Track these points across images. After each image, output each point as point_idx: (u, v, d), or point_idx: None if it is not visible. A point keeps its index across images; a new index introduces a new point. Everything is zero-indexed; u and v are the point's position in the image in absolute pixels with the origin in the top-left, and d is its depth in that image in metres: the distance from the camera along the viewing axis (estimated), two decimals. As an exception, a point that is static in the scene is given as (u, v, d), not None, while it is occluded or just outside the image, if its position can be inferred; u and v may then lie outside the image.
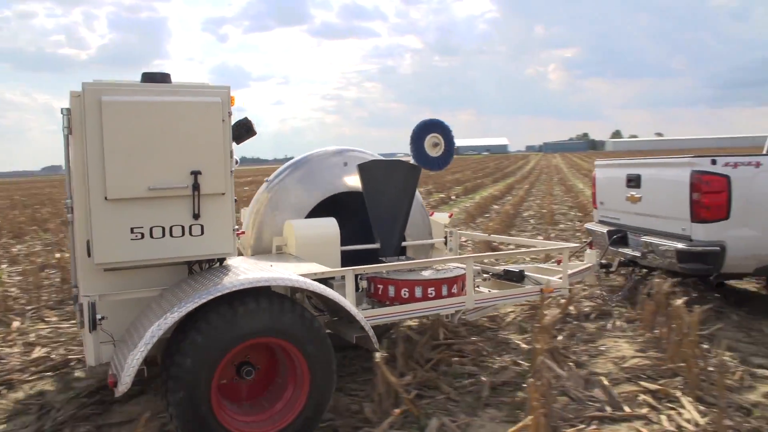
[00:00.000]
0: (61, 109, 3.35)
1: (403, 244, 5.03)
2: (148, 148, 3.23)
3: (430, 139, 4.83)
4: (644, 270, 6.77)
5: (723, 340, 4.70)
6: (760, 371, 4.27)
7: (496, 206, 17.08)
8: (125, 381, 2.83)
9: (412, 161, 4.84)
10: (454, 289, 4.31)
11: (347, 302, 3.55)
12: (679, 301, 4.17)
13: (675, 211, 5.56)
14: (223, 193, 3.47)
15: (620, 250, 6.39)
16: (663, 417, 3.67)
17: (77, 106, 3.24)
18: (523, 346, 4.98)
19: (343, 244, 4.55)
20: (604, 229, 6.70)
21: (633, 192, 6.23)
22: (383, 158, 5.02)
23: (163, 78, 3.36)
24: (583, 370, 4.39)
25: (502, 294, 4.72)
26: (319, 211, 4.80)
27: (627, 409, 3.78)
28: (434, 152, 4.85)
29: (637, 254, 6.07)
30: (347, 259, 4.59)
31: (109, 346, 3.34)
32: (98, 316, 3.15)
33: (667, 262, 5.61)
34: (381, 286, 4.19)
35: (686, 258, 5.34)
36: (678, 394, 3.87)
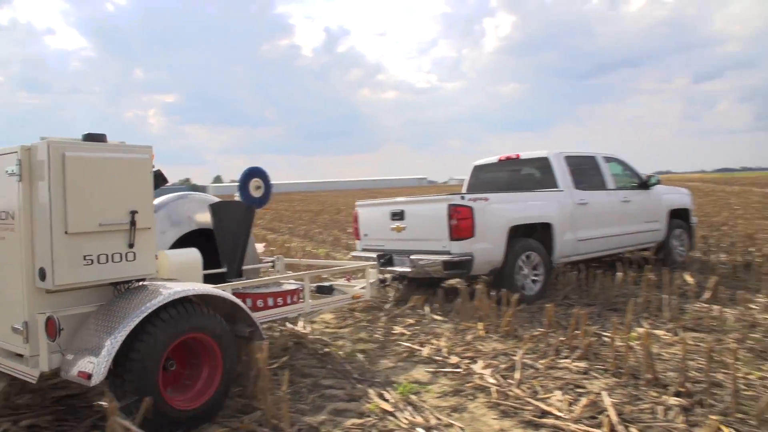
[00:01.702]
0: (22, 155, 3.93)
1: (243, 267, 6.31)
2: (98, 192, 4.01)
3: (253, 183, 6.09)
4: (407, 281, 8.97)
5: (300, 368, 5.50)
6: (328, 391, 4.85)
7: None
8: (101, 371, 3.57)
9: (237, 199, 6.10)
10: (295, 299, 5.73)
11: (244, 305, 4.58)
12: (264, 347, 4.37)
13: (437, 234, 7.59)
14: (150, 227, 4.30)
15: (387, 268, 8.23)
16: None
17: (32, 157, 3.91)
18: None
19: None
20: (370, 255, 8.36)
21: (398, 224, 8.15)
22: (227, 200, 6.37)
23: (102, 138, 4.17)
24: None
25: (327, 300, 6.23)
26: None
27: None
28: (257, 193, 6.12)
29: (407, 269, 7.94)
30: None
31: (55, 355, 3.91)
32: (60, 328, 3.81)
33: (434, 270, 7.59)
34: (245, 300, 5.18)
35: (449, 266, 7.44)
36: (255, 426, 4.17)
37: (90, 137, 4.12)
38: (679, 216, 10.37)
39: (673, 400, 4.29)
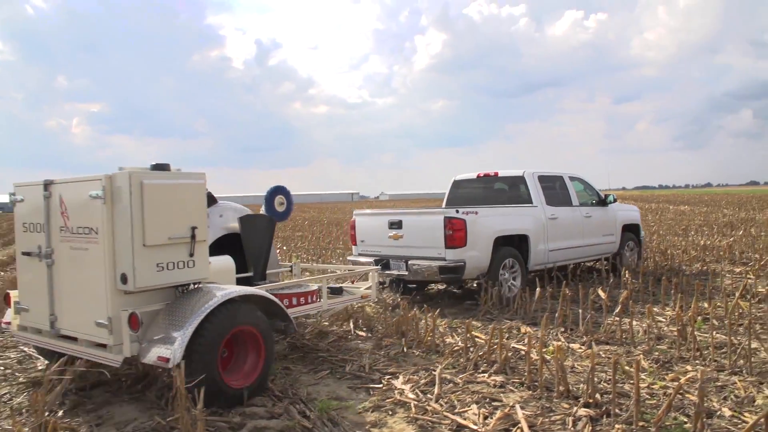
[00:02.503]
0: (105, 182, 4.70)
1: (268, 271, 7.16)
2: (167, 212, 4.84)
3: (277, 200, 6.94)
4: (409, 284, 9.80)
5: None
6: (249, 409, 4.82)
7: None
8: (177, 356, 4.38)
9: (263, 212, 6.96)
10: (314, 299, 6.50)
11: (281, 304, 5.52)
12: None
13: (433, 242, 8.52)
14: (205, 240, 5.15)
15: (385, 272, 9.00)
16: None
17: (113, 184, 4.71)
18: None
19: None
20: (367, 259, 9.27)
21: (395, 232, 9.02)
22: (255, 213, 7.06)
23: (167, 167, 4.98)
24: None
25: (340, 299, 7.02)
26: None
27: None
28: (280, 209, 6.99)
29: (404, 273, 8.83)
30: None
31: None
32: (141, 322, 4.61)
33: (430, 275, 8.53)
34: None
35: (445, 271, 8.38)
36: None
37: (157, 166, 4.94)
38: (630, 230, 11.72)
39: (582, 411, 4.47)
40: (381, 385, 5.35)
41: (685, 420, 4.29)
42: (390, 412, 4.77)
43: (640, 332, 6.73)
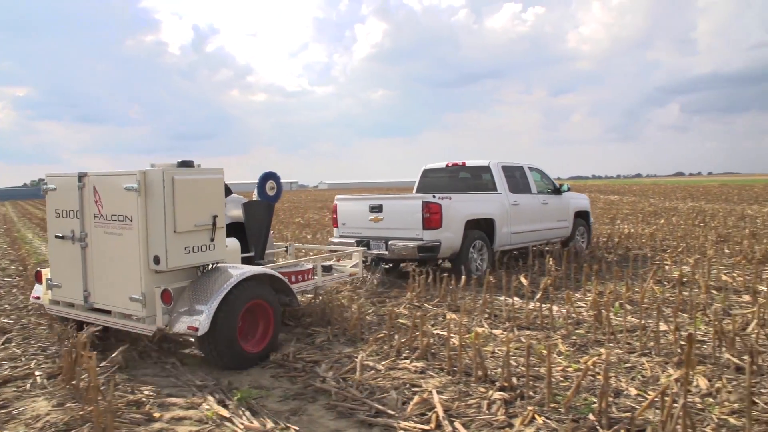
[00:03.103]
0: (139, 177, 5.34)
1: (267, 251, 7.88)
2: (193, 202, 5.55)
3: (268, 185, 7.48)
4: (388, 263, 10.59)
5: (141, 377, 5.53)
6: (168, 400, 4.86)
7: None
8: (205, 326, 5.16)
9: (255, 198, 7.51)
10: (310, 276, 7.31)
11: (286, 281, 6.34)
12: (92, 354, 4.48)
13: (411, 224, 9.41)
14: (222, 227, 5.85)
15: (366, 251, 9.50)
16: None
17: (147, 178, 5.37)
18: None
19: None
20: (348, 241, 10.00)
21: (376, 215, 9.84)
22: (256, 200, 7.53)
23: (191, 163, 5.72)
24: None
25: (332, 277, 7.88)
26: None
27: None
28: (271, 192, 7.51)
29: (384, 252, 9.59)
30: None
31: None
32: (171, 294, 5.36)
33: (409, 253, 9.30)
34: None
35: (423, 250, 9.22)
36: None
37: (183, 163, 5.70)
38: (581, 216, 12.95)
39: (497, 395, 4.59)
40: (303, 374, 5.37)
41: (594, 400, 4.44)
42: (310, 399, 4.79)
43: (561, 317, 6.93)
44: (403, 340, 5.91)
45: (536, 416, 4.17)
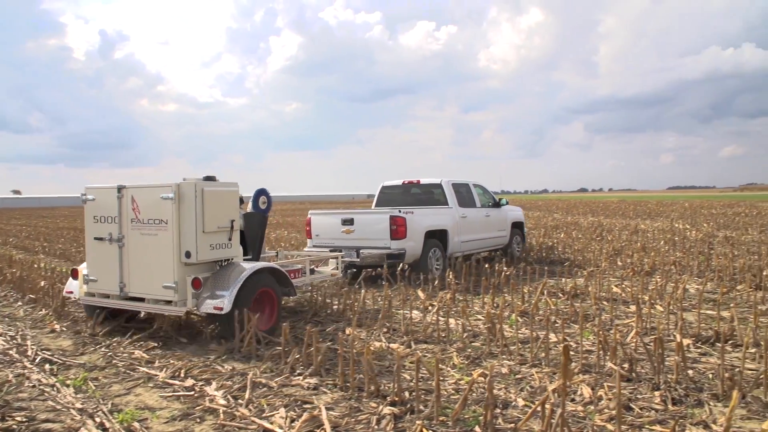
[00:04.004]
0: (174, 189, 6.69)
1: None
2: (216, 209, 6.88)
3: (261, 199, 8.40)
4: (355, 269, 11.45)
5: (13, 402, 5.17)
6: (43, 425, 4.62)
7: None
8: (228, 306, 6.46)
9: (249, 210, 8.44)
10: (299, 274, 8.51)
11: (287, 274, 7.63)
12: None
13: (380, 235, 10.68)
14: (237, 229, 7.20)
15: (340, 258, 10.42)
16: None
17: (180, 189, 6.70)
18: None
19: None
20: (322, 250, 10.95)
21: (348, 227, 11.04)
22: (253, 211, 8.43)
23: (214, 178, 7.06)
24: None
25: (316, 276, 9.02)
26: None
27: None
28: (263, 206, 8.43)
29: (356, 260, 10.74)
30: None
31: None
32: (201, 281, 6.64)
33: (379, 260, 10.50)
34: None
35: (391, 257, 10.43)
36: None
37: (208, 178, 7.03)
38: (517, 227, 14.62)
39: (387, 410, 4.59)
40: (192, 393, 5.19)
41: (483, 412, 4.52)
42: (198, 420, 4.64)
43: (458, 330, 7.04)
44: (297, 356, 5.83)
45: (424, 430, 4.17)
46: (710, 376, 5.33)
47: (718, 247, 15.60)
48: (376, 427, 4.36)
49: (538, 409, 4.04)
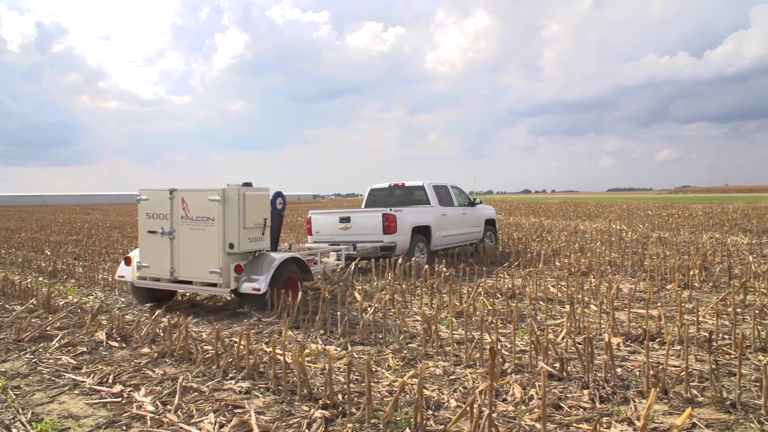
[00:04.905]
0: (221, 192, 8.16)
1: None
2: (253, 209, 8.30)
3: (278, 201, 9.52)
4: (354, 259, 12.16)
5: None
6: None
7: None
8: (264, 286, 8.09)
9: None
10: (311, 264, 9.83)
11: (306, 262, 9.21)
12: None
13: (374, 230, 12.30)
14: (268, 226, 8.64)
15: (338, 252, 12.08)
16: None
17: (225, 193, 8.16)
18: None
19: None
20: (322, 245, 12.18)
21: (345, 224, 12.65)
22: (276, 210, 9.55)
23: (251, 184, 8.38)
24: None
25: (325, 265, 10.49)
26: None
27: None
28: (279, 206, 9.59)
29: (353, 252, 12.22)
30: None
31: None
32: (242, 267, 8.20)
33: (373, 252, 12.27)
34: None
35: (384, 249, 12.22)
36: None
37: (246, 184, 8.34)
38: (490, 224, 16.44)
39: (318, 413, 4.55)
40: (120, 399, 5.04)
41: (414, 414, 4.52)
42: (124, 427, 4.50)
43: (394, 331, 7.04)
44: (230, 360, 5.73)
45: (355, 433, 4.16)
46: (637, 373, 5.47)
47: (651, 247, 16.08)
48: (306, 431, 4.31)
49: (468, 410, 4.06)
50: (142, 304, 9.36)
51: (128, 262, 9.23)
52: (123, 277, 9.26)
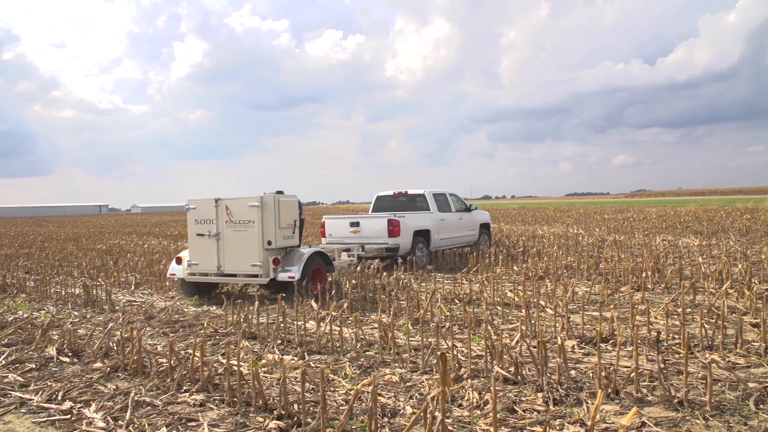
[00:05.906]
0: (259, 200, 9.94)
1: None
2: (286, 212, 10.18)
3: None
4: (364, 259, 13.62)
5: None
6: None
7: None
8: (298, 275, 9.88)
9: None
10: (332, 259, 11.51)
11: (329, 256, 11.13)
12: None
13: (381, 234, 13.86)
14: (298, 226, 10.56)
15: (347, 252, 13.76)
16: None
17: (263, 200, 9.95)
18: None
19: None
20: (335, 246, 13.48)
21: (355, 228, 14.28)
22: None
23: (282, 192, 10.47)
24: None
25: (343, 261, 12.58)
26: None
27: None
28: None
29: (362, 252, 13.78)
30: None
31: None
32: (279, 260, 10.03)
33: (379, 252, 13.79)
34: None
35: (389, 250, 13.76)
36: None
37: (279, 192, 10.32)
38: (484, 227, 18.29)
39: (273, 424, 4.51)
40: (69, 416, 4.92)
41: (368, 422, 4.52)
42: (73, 445, 4.40)
43: (351, 340, 7.02)
44: (184, 372, 5.65)
45: (309, 443, 4.13)
46: (590, 375, 5.56)
47: (607, 250, 16.39)
48: (260, 442, 4.27)
49: (422, 416, 4.08)
50: (189, 297, 10.82)
51: (179, 261, 10.82)
52: (174, 275, 10.86)
